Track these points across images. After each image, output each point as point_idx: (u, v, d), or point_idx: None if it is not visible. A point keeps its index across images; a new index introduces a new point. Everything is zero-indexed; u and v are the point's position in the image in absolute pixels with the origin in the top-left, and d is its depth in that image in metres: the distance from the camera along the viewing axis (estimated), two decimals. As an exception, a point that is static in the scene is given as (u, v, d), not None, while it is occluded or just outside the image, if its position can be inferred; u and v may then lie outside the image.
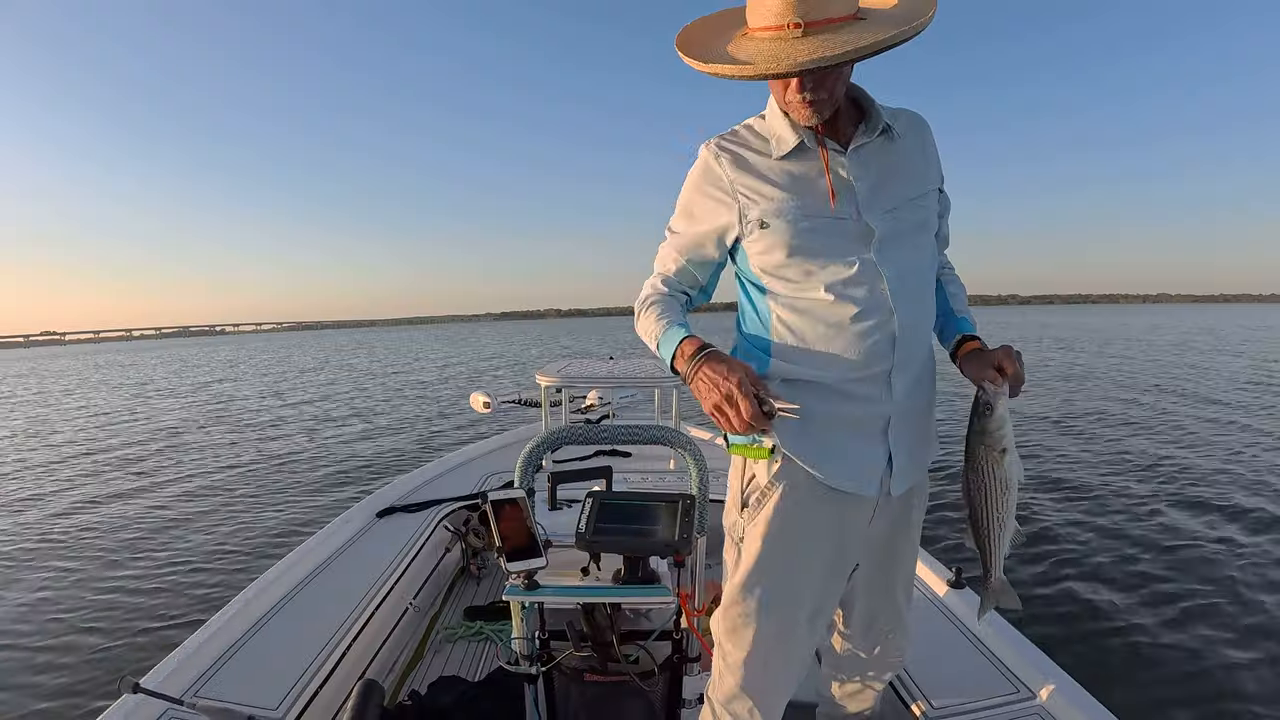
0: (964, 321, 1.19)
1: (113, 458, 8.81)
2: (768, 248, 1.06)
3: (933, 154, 1.14)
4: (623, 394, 4.94)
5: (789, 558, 1.13)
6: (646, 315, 1.14)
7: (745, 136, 1.10)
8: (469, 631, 2.35)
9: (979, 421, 1.02)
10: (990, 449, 1.01)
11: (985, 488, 1.04)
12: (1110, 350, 20.40)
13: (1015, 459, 1.03)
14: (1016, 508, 1.06)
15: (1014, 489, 1.04)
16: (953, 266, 1.27)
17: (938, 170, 1.15)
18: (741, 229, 1.08)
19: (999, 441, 1.01)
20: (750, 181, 1.07)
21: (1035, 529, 4.46)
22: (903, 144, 1.10)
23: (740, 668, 1.17)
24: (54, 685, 3.02)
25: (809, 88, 0.97)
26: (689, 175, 1.14)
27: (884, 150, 1.08)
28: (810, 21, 0.91)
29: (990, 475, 1.03)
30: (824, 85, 0.97)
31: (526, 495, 1.35)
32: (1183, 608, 3.33)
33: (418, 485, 3.20)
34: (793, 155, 1.06)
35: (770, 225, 1.05)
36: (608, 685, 1.42)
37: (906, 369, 1.07)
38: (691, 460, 1.42)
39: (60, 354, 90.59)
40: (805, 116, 1.02)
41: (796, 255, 1.05)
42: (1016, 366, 1.02)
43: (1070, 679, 1.54)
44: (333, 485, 6.64)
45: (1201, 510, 4.79)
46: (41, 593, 4.14)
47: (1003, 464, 1.02)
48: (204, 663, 1.64)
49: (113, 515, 5.91)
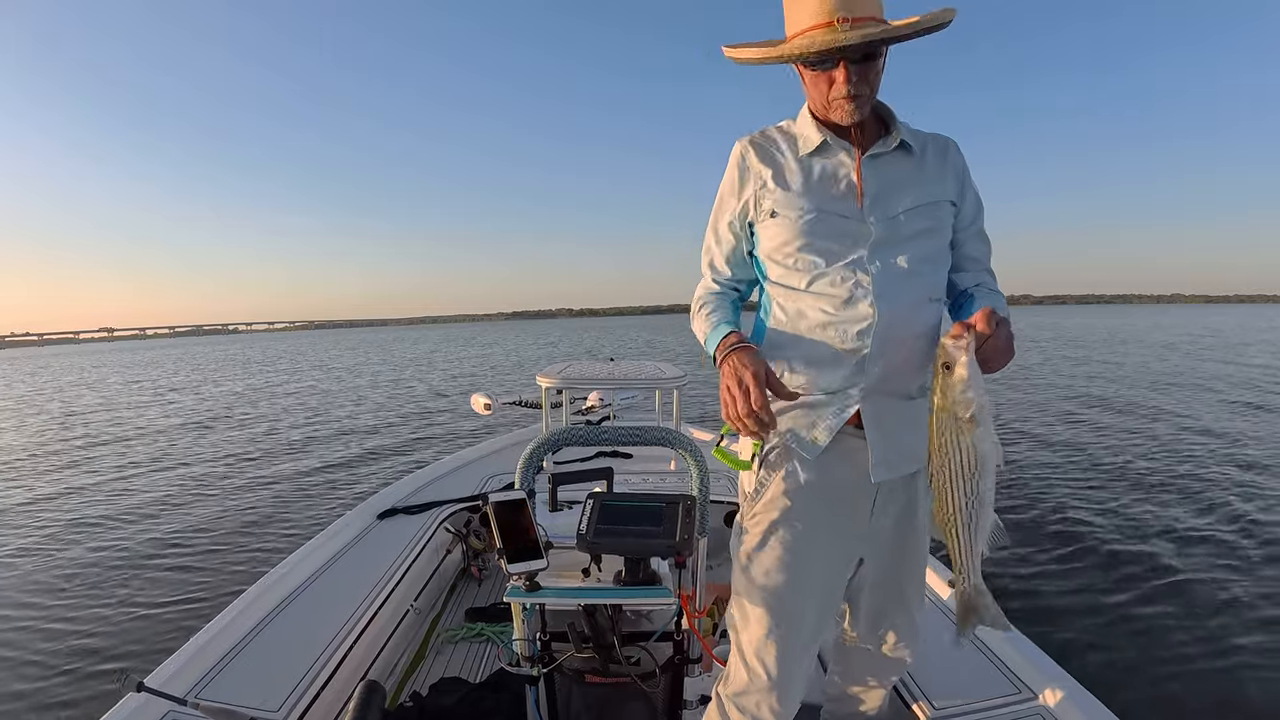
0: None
1: (114, 456, 8.81)
2: (774, 235, 1.15)
3: (954, 173, 1.17)
4: (623, 395, 4.94)
5: (786, 548, 1.16)
6: (699, 315, 1.24)
7: (774, 135, 1.20)
8: (470, 633, 2.35)
9: (938, 383, 0.88)
10: (956, 418, 0.86)
11: (949, 467, 0.88)
12: (1119, 348, 20.41)
13: (989, 435, 0.87)
14: (994, 498, 0.89)
15: (988, 471, 0.87)
16: (991, 282, 1.22)
17: (957, 187, 1.17)
18: (755, 214, 1.18)
19: (964, 408, 0.85)
20: (771, 172, 1.16)
21: (1036, 526, 4.46)
22: (919, 160, 1.15)
23: (745, 660, 1.19)
24: (58, 683, 3.02)
25: (854, 80, 1.04)
26: (725, 171, 1.24)
27: (899, 162, 1.14)
28: (856, 17, 1.01)
29: (954, 450, 0.88)
30: (865, 79, 1.06)
31: (527, 497, 1.35)
32: (1185, 608, 3.32)
33: (419, 487, 3.20)
34: (815, 153, 1.15)
35: (779, 215, 1.14)
36: (609, 687, 1.42)
37: (887, 356, 1.10)
38: (692, 461, 1.43)
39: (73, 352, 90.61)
40: (847, 113, 1.08)
41: (798, 245, 1.13)
42: (989, 327, 0.92)
43: (1072, 680, 1.54)
44: (334, 487, 6.65)
45: (1206, 509, 4.77)
46: (44, 591, 4.14)
47: (969, 437, 0.86)
48: (207, 663, 1.65)
49: (113, 513, 5.91)
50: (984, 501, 0.89)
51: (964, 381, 0.85)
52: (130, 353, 64.12)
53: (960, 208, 1.18)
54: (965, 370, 0.85)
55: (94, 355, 61.92)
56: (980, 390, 0.86)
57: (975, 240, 1.22)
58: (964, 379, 0.85)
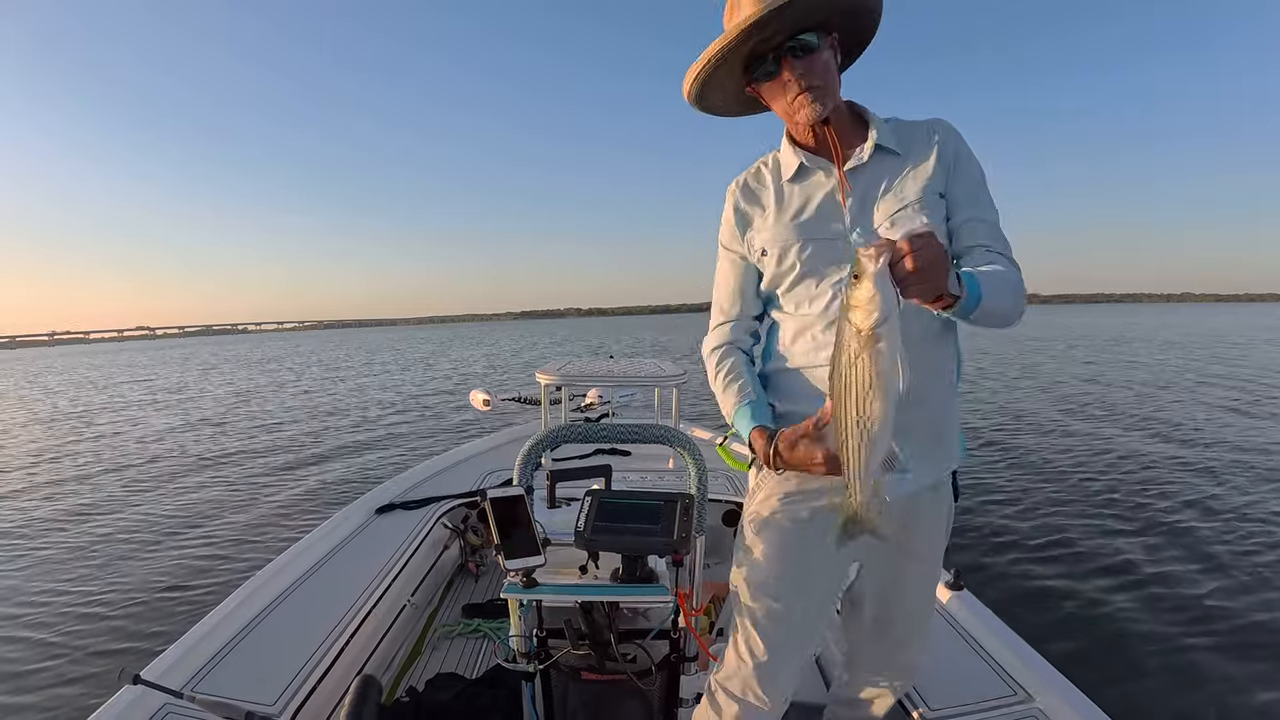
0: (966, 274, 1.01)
1: (118, 453, 8.82)
2: (769, 269, 1.17)
3: (940, 159, 1.10)
4: (622, 393, 4.94)
5: (776, 545, 1.17)
6: (719, 379, 1.23)
7: (761, 170, 1.22)
8: (467, 629, 2.35)
9: (845, 295, 0.86)
10: (857, 332, 0.84)
11: (845, 379, 0.86)
12: (1122, 347, 20.40)
13: (894, 361, 0.83)
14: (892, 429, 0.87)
15: (883, 393, 0.85)
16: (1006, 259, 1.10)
17: (943, 174, 1.10)
18: (751, 254, 1.20)
19: (864, 320, 0.82)
20: (758, 211, 1.19)
21: (1036, 526, 4.47)
22: (903, 159, 1.11)
23: (736, 648, 1.21)
24: (54, 674, 3.03)
25: (799, 72, 1.04)
26: (722, 215, 1.26)
27: (880, 168, 1.11)
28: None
29: (850, 367, 0.85)
30: (813, 71, 1.05)
31: (525, 493, 1.35)
32: (1184, 610, 3.33)
33: (417, 482, 3.20)
34: (795, 178, 1.15)
35: (769, 252, 1.16)
36: (605, 684, 1.42)
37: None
38: (691, 460, 1.43)
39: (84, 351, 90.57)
40: (810, 110, 1.06)
41: (789, 275, 1.15)
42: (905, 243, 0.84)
43: (1067, 681, 1.54)
44: (332, 481, 6.65)
45: (1206, 512, 4.77)
46: (43, 584, 4.15)
47: (868, 352, 0.84)
48: (204, 656, 1.65)
49: (113, 510, 5.92)
50: (879, 425, 0.86)
51: (869, 294, 0.82)
52: (139, 353, 64.12)
53: (952, 193, 1.11)
54: (872, 283, 0.82)
55: (103, 355, 61.90)
56: (887, 307, 0.82)
57: (974, 223, 1.12)
58: (869, 292, 0.82)
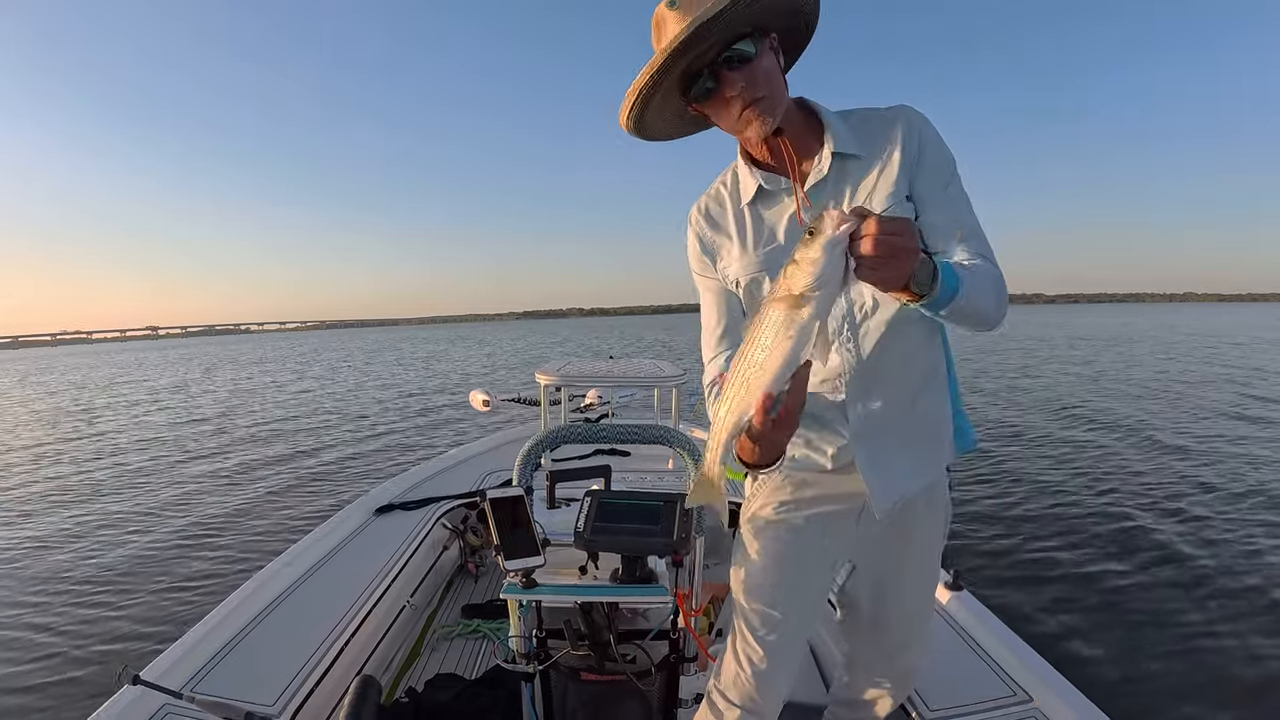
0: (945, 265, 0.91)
1: (120, 452, 8.82)
2: (745, 299, 1.13)
3: (903, 156, 1.01)
4: (622, 393, 4.95)
5: (769, 550, 1.17)
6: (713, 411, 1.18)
7: (720, 192, 1.15)
8: (466, 629, 2.35)
9: (797, 247, 0.78)
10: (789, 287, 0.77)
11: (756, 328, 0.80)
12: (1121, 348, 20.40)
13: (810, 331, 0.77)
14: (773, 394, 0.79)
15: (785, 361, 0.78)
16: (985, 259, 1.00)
17: (906, 172, 1.02)
18: (728, 283, 1.15)
19: (799, 282, 0.76)
20: (722, 240, 1.13)
21: (1031, 529, 4.47)
22: (866, 162, 1.03)
23: (734, 653, 1.20)
24: (54, 675, 3.03)
25: (741, 85, 0.95)
26: (688, 245, 1.19)
27: (840, 178, 1.03)
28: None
29: (763, 320, 0.79)
30: (755, 82, 0.96)
31: (525, 494, 1.35)
32: (1183, 611, 3.33)
33: (416, 483, 3.20)
34: (756, 201, 1.09)
35: (741, 282, 1.11)
36: (605, 684, 1.42)
37: (865, 399, 1.08)
38: (690, 460, 1.43)
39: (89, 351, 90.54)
40: (759, 127, 0.98)
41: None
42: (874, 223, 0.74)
43: (1067, 682, 1.54)
44: (332, 482, 6.65)
45: (1207, 511, 4.77)
46: (43, 584, 4.15)
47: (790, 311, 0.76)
48: (203, 657, 1.65)
49: (113, 509, 5.91)
50: (761, 382, 0.79)
51: (814, 256, 0.75)
52: (141, 352, 64.06)
53: (918, 190, 1.02)
54: (820, 247, 0.75)
55: (105, 355, 61.82)
56: (825, 276, 0.75)
57: (947, 223, 1.02)
58: (815, 254, 0.75)
